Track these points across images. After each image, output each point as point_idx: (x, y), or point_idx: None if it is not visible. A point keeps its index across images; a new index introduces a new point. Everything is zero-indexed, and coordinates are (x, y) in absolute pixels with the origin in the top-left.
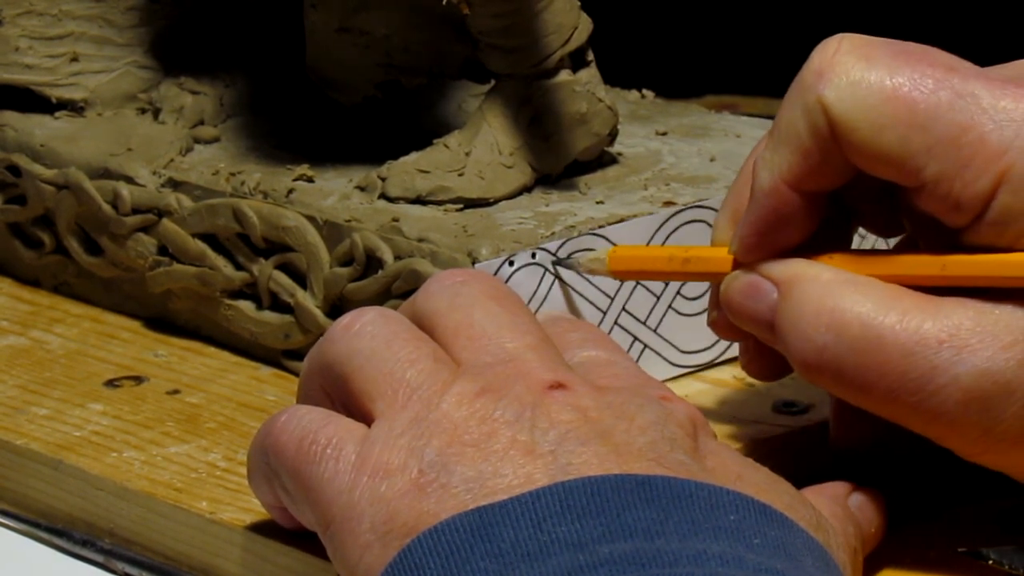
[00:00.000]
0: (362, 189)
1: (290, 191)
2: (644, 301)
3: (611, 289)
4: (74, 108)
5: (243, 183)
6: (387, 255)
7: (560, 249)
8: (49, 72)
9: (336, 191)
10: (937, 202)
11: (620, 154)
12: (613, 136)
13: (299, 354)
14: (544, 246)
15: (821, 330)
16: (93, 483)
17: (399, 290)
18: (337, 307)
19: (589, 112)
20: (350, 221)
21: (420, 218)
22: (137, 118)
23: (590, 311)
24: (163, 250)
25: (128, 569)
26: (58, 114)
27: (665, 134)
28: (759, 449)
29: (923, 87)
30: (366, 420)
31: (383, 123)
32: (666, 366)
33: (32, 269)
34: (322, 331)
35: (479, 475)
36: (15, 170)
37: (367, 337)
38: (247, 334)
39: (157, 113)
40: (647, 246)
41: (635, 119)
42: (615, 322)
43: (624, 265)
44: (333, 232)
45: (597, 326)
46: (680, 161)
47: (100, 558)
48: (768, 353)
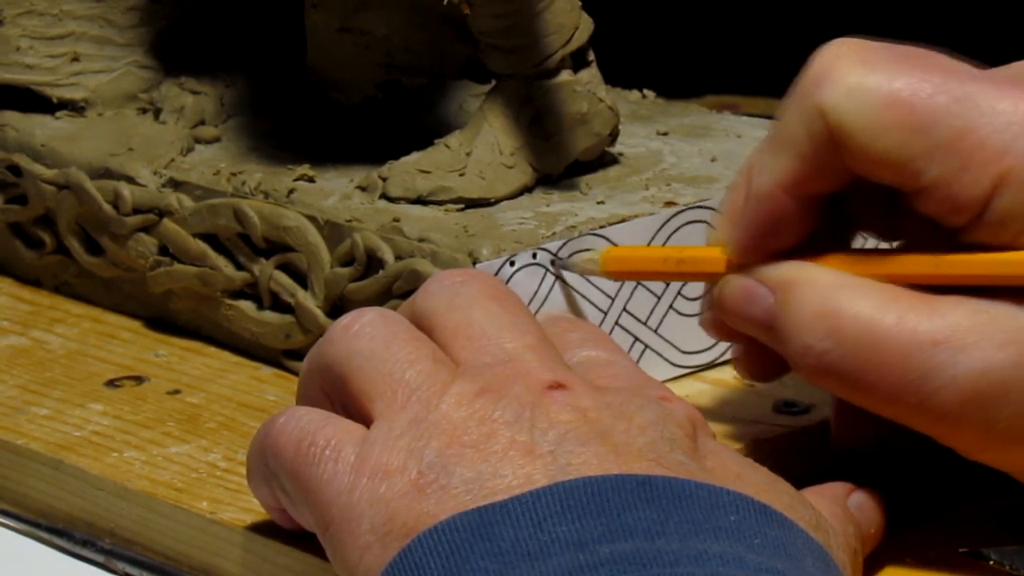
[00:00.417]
0: (363, 189)
1: (291, 191)
2: (645, 301)
3: (612, 289)
4: (75, 108)
5: (244, 183)
6: (388, 255)
7: (561, 249)
8: (50, 72)
9: (337, 191)
10: (937, 205)
11: (621, 154)
12: (614, 136)
13: (300, 354)
14: (545, 246)
15: (820, 336)
16: (93, 483)
17: (400, 290)
18: (338, 307)
19: (590, 112)
20: (351, 221)
21: (421, 218)
22: (138, 118)
23: (591, 311)
24: (164, 250)
25: (128, 569)
26: (59, 114)
27: (666, 134)
28: (759, 449)
29: (922, 91)
30: (365, 421)
31: (384, 123)
32: (666, 366)
33: (33, 269)
34: (323, 331)
35: (478, 476)
36: (16, 170)
37: (366, 338)
38: (248, 334)
39: (158, 113)
40: (641, 246)
41: (636, 119)
42: (616, 322)
43: (618, 266)
44: (334, 232)
45: (597, 326)
46: (681, 161)
47: (100, 558)
48: (762, 355)
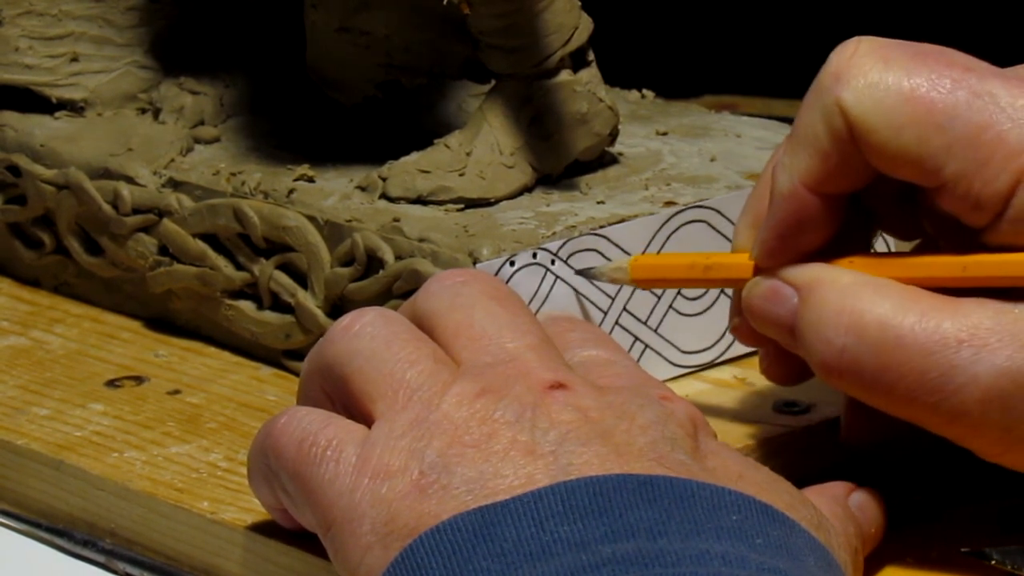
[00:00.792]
0: (363, 189)
1: (291, 191)
2: (645, 301)
3: (612, 289)
4: (74, 108)
5: (244, 183)
6: (388, 255)
7: (561, 249)
8: (49, 72)
9: (337, 191)
10: (957, 201)
11: (621, 154)
12: (614, 136)
13: (300, 354)
14: (545, 246)
15: (841, 332)
16: (94, 483)
17: (400, 290)
18: (338, 307)
19: (590, 112)
20: (351, 221)
21: (421, 218)
22: (137, 118)
23: (591, 311)
24: (164, 250)
25: (129, 569)
26: (58, 114)
27: (666, 134)
28: (760, 449)
29: (941, 87)
30: (366, 421)
31: (384, 123)
32: (667, 366)
33: (32, 269)
34: (323, 331)
35: (480, 476)
36: (15, 170)
37: (367, 338)
38: (248, 334)
39: (157, 113)
40: (668, 254)
41: (635, 119)
42: (616, 322)
43: (646, 274)
44: (334, 232)
45: (598, 326)
46: (681, 161)
47: (101, 558)
48: (788, 358)
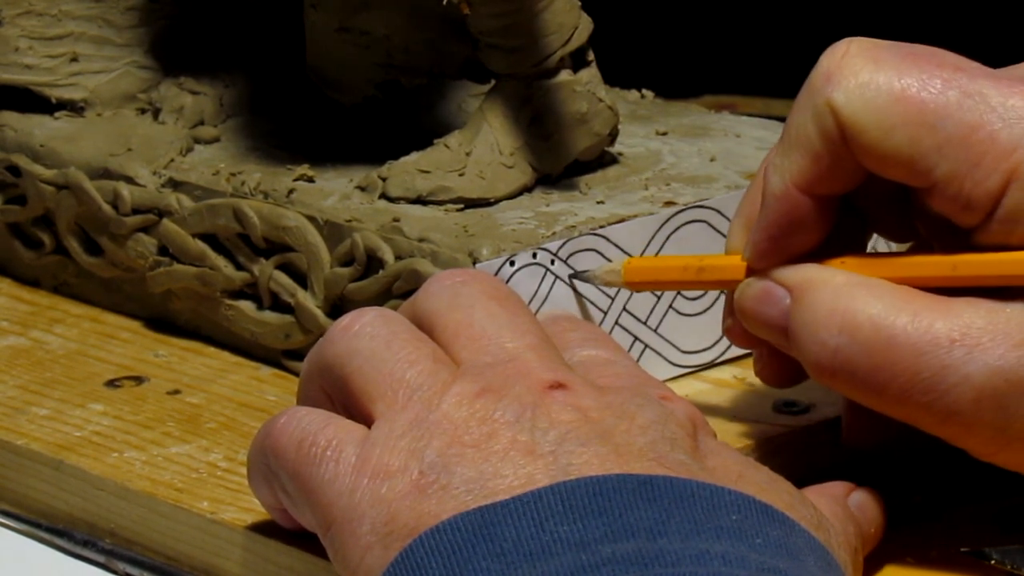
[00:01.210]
0: (363, 189)
1: (290, 191)
2: (645, 301)
3: (612, 289)
4: (74, 108)
5: (243, 183)
6: (388, 255)
7: (561, 249)
8: (49, 72)
9: (336, 191)
10: (948, 202)
11: (620, 154)
12: (613, 136)
13: (299, 354)
14: (545, 246)
15: (834, 333)
16: (94, 483)
17: (400, 290)
18: (338, 307)
19: (589, 112)
20: (351, 221)
21: (421, 218)
22: (137, 118)
23: (591, 311)
24: (163, 250)
25: (129, 569)
26: (58, 114)
27: (665, 134)
28: (760, 449)
29: (932, 87)
30: (366, 421)
31: (383, 123)
32: (667, 366)
33: (32, 269)
34: (323, 331)
35: (480, 476)
36: (15, 170)
37: (366, 338)
38: (247, 334)
39: (157, 113)
40: (661, 256)
41: (635, 119)
42: (616, 322)
43: (639, 276)
44: (334, 232)
45: (598, 325)
46: (680, 161)
47: (101, 558)
48: (782, 360)
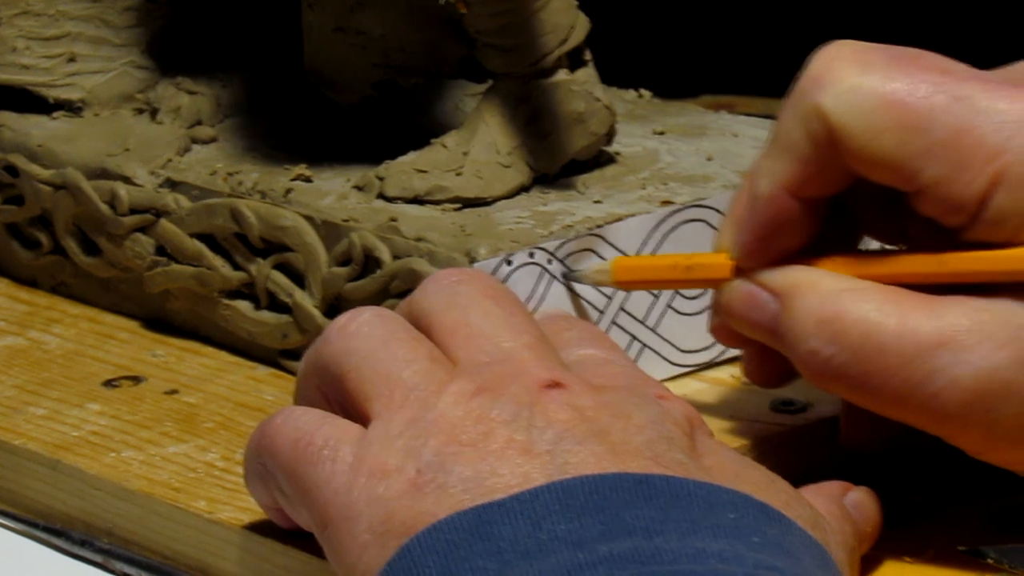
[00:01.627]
0: (360, 189)
1: (288, 191)
2: (643, 300)
3: (609, 288)
4: (71, 108)
5: (241, 183)
6: (385, 255)
7: (558, 249)
8: (46, 72)
9: (334, 191)
10: (936, 205)
11: (618, 153)
12: (611, 135)
13: (297, 354)
14: (542, 245)
15: (824, 340)
16: (91, 483)
17: (397, 290)
18: (335, 307)
19: (587, 111)
20: (348, 221)
21: (418, 218)
22: (134, 118)
23: (588, 310)
24: (161, 250)
25: (126, 569)
26: (55, 114)
27: (663, 133)
28: (757, 448)
29: (919, 91)
30: (363, 420)
31: (380, 123)
32: (665, 365)
33: (29, 269)
34: (320, 331)
35: (476, 475)
36: (12, 170)
37: (363, 337)
38: (245, 334)
39: (154, 113)
40: (649, 255)
41: (632, 119)
42: (613, 321)
43: (628, 275)
44: (331, 232)
45: (595, 325)
46: (678, 160)
47: (98, 558)
48: (771, 360)
